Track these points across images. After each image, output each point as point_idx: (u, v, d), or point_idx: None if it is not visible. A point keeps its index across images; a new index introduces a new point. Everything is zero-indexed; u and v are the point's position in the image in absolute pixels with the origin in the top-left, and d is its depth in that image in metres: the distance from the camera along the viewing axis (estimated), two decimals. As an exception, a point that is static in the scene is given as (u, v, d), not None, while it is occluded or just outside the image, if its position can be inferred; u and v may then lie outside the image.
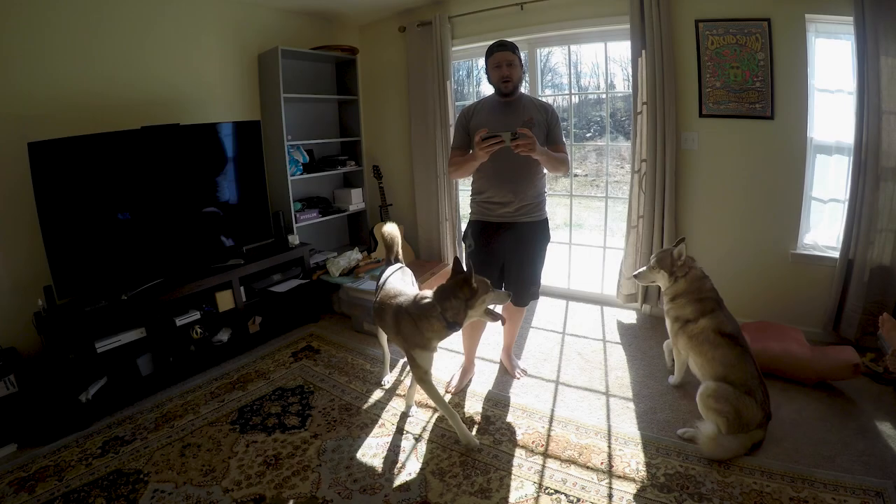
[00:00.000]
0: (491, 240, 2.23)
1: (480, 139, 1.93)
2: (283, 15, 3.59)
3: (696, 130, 2.80)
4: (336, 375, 2.61)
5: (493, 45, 2.19)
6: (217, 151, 2.93)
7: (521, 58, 2.21)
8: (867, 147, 2.33)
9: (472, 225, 2.31)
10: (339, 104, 4.02)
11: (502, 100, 2.21)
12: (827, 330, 2.61)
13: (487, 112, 2.21)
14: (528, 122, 2.13)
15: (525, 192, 2.17)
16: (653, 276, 2.19)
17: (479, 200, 2.27)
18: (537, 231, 2.26)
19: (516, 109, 2.18)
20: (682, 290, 2.11)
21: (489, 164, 2.11)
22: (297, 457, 1.96)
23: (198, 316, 2.73)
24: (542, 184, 2.26)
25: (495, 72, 2.16)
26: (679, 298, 2.11)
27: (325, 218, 3.74)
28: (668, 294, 2.16)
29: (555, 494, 1.70)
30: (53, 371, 2.20)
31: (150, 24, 2.85)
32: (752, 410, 1.81)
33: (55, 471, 1.94)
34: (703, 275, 2.12)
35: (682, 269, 2.11)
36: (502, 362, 2.60)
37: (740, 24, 2.54)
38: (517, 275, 2.26)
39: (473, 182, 2.29)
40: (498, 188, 2.18)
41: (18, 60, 2.36)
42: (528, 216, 2.22)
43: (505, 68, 2.13)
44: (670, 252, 2.12)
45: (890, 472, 1.69)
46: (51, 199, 2.25)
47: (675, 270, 2.11)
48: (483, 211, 2.26)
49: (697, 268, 2.12)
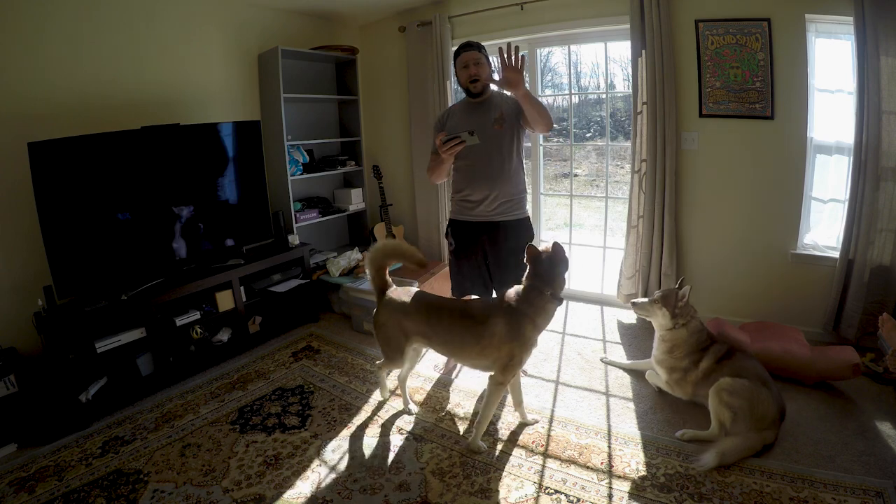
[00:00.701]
0: (472, 240, 2.29)
1: (441, 142, 2.00)
2: (283, 15, 3.59)
3: (696, 130, 2.80)
4: (336, 375, 2.61)
5: (459, 46, 2.22)
6: (217, 151, 2.93)
7: (489, 57, 2.23)
8: (867, 147, 2.33)
9: (453, 224, 2.37)
10: (339, 104, 4.02)
11: (473, 101, 2.25)
12: (827, 330, 2.61)
13: (460, 114, 2.26)
14: (499, 118, 2.16)
15: (502, 188, 2.19)
16: (653, 310, 2.13)
17: (458, 199, 2.32)
18: (519, 230, 2.27)
19: (487, 109, 2.20)
20: (681, 341, 2.08)
21: (465, 162, 2.16)
22: (297, 457, 1.96)
23: (198, 316, 2.73)
24: (519, 180, 2.27)
25: (463, 72, 2.19)
26: (677, 350, 2.09)
27: (325, 218, 3.74)
28: (667, 342, 2.11)
29: (555, 494, 1.70)
30: (53, 371, 2.20)
31: (151, 24, 2.85)
32: (766, 404, 1.82)
33: (55, 471, 1.94)
34: (701, 326, 2.11)
35: (685, 313, 2.07)
36: None
37: (740, 24, 2.54)
38: (502, 275, 2.29)
39: (452, 181, 2.35)
40: (475, 186, 2.21)
41: (19, 60, 2.36)
42: (507, 214, 2.23)
43: (472, 67, 2.16)
44: (675, 291, 2.08)
45: (890, 472, 1.69)
46: (51, 199, 2.25)
47: (678, 312, 2.07)
48: (462, 209, 2.30)
49: (698, 318, 2.11)
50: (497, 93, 2.29)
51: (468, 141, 1.99)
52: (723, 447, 1.76)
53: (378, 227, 3.79)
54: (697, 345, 2.07)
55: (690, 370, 2.06)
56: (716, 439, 1.83)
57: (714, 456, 1.73)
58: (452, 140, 2.00)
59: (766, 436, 1.81)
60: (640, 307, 2.20)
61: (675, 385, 2.12)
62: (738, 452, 1.76)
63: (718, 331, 2.41)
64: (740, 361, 2.00)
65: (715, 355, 2.04)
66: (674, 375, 2.12)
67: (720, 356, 2.03)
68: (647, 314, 2.17)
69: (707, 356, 2.04)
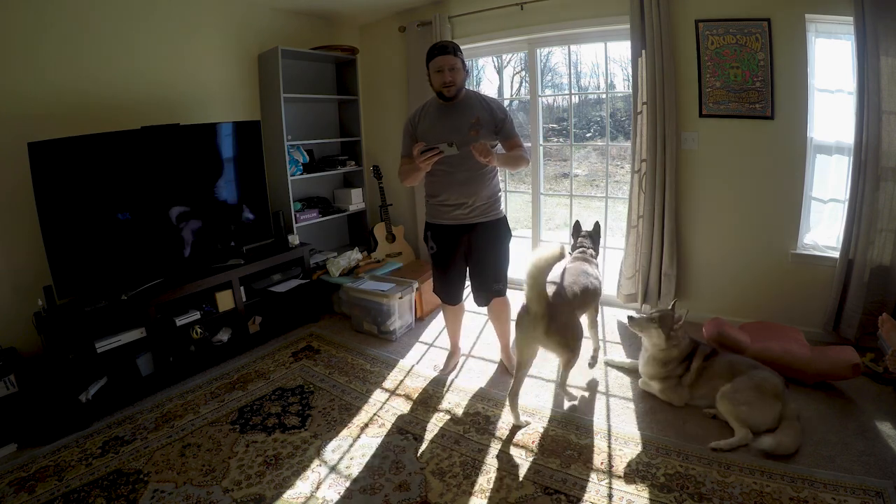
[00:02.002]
0: (453, 241, 2.27)
1: (419, 153, 1.94)
2: (283, 15, 3.59)
3: (696, 130, 2.80)
4: (336, 375, 2.61)
5: (434, 48, 2.10)
6: (217, 151, 2.93)
7: (464, 60, 2.13)
8: (867, 147, 2.33)
9: (431, 227, 2.32)
10: (339, 104, 4.02)
11: (445, 104, 2.15)
12: (827, 330, 2.61)
13: (433, 118, 2.17)
14: (476, 123, 2.11)
15: (478, 193, 2.18)
16: (648, 328, 2.15)
17: (434, 203, 2.28)
18: (496, 229, 2.28)
19: (462, 112, 2.14)
20: (674, 358, 2.15)
21: (441, 167, 2.11)
22: (297, 457, 1.96)
23: (198, 316, 2.73)
24: (495, 184, 2.28)
25: (437, 76, 2.09)
26: (671, 364, 2.15)
27: (325, 218, 3.74)
28: (660, 358, 2.15)
29: (555, 494, 1.70)
30: (53, 371, 2.20)
31: (151, 24, 2.85)
32: (770, 381, 1.93)
33: (55, 471, 1.94)
34: (688, 340, 2.18)
35: (680, 335, 2.13)
36: (502, 361, 2.61)
37: (740, 24, 2.54)
38: (479, 273, 2.31)
39: (427, 185, 2.29)
40: (451, 191, 2.18)
41: (19, 60, 2.36)
42: (483, 216, 2.23)
43: (447, 73, 2.05)
44: (671, 314, 2.13)
45: (890, 472, 1.69)
46: (51, 199, 2.25)
47: (673, 334, 2.11)
48: (439, 213, 2.27)
49: (687, 339, 2.18)
50: (473, 93, 2.24)
51: (446, 152, 1.93)
52: (779, 438, 1.79)
53: (378, 227, 3.79)
54: (686, 353, 2.16)
55: (684, 375, 2.14)
56: (748, 441, 1.84)
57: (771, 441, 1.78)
58: (430, 151, 1.93)
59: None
60: (636, 323, 2.20)
61: (671, 392, 2.16)
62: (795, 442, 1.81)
63: (718, 331, 2.42)
64: (726, 357, 2.13)
65: (703, 354, 2.14)
66: (669, 383, 2.16)
67: (707, 354, 2.15)
68: (642, 331, 2.19)
69: (696, 357, 2.14)
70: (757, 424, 1.87)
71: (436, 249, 2.32)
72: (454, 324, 2.61)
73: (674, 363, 2.14)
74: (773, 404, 1.89)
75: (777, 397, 1.90)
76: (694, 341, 2.20)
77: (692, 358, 2.14)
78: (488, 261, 2.29)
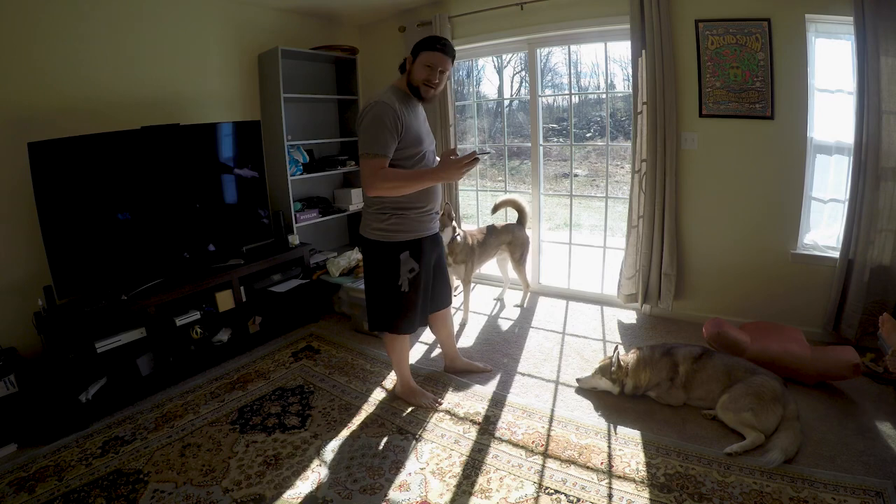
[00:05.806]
0: (429, 257, 2.13)
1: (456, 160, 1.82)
2: (283, 15, 3.59)
3: (696, 130, 2.80)
4: (336, 375, 2.61)
5: (437, 42, 1.90)
6: (217, 151, 2.93)
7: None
8: (867, 147, 2.33)
9: (412, 245, 2.02)
10: (339, 104, 4.02)
11: (413, 102, 1.99)
12: (827, 330, 2.61)
13: (413, 116, 1.97)
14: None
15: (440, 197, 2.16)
16: (595, 381, 2.29)
17: (420, 214, 2.03)
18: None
19: (421, 113, 2.07)
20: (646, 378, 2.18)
21: None
22: (297, 457, 1.96)
23: (198, 316, 2.73)
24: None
25: (425, 70, 1.90)
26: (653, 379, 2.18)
27: (325, 218, 3.74)
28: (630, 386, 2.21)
29: (555, 494, 1.70)
30: (53, 371, 2.20)
31: (151, 24, 2.84)
32: (768, 384, 1.93)
33: (55, 471, 1.94)
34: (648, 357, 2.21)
35: (621, 375, 2.20)
36: (466, 369, 2.55)
37: (740, 24, 2.54)
38: (441, 279, 2.29)
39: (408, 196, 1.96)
40: (434, 198, 2.08)
41: (19, 60, 2.36)
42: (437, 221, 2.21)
43: (437, 74, 1.92)
44: (610, 360, 2.22)
45: (890, 472, 1.69)
46: (51, 199, 2.25)
47: (616, 377, 2.21)
48: (420, 226, 2.04)
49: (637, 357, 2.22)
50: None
51: (481, 159, 1.85)
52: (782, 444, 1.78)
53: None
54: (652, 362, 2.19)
55: (674, 378, 2.16)
56: (760, 442, 1.83)
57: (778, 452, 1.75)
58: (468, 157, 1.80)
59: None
60: (584, 383, 2.33)
61: (667, 395, 2.17)
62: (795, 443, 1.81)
63: (718, 331, 2.41)
64: (721, 359, 2.13)
65: (688, 356, 2.16)
66: (662, 388, 2.18)
67: (696, 356, 2.15)
68: (594, 387, 2.30)
69: (680, 361, 2.16)
70: (765, 428, 1.87)
71: (417, 270, 2.05)
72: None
73: (654, 378, 2.17)
74: (774, 409, 1.88)
75: (777, 401, 1.90)
76: (665, 348, 2.22)
77: (675, 362, 2.16)
78: (443, 268, 2.31)
